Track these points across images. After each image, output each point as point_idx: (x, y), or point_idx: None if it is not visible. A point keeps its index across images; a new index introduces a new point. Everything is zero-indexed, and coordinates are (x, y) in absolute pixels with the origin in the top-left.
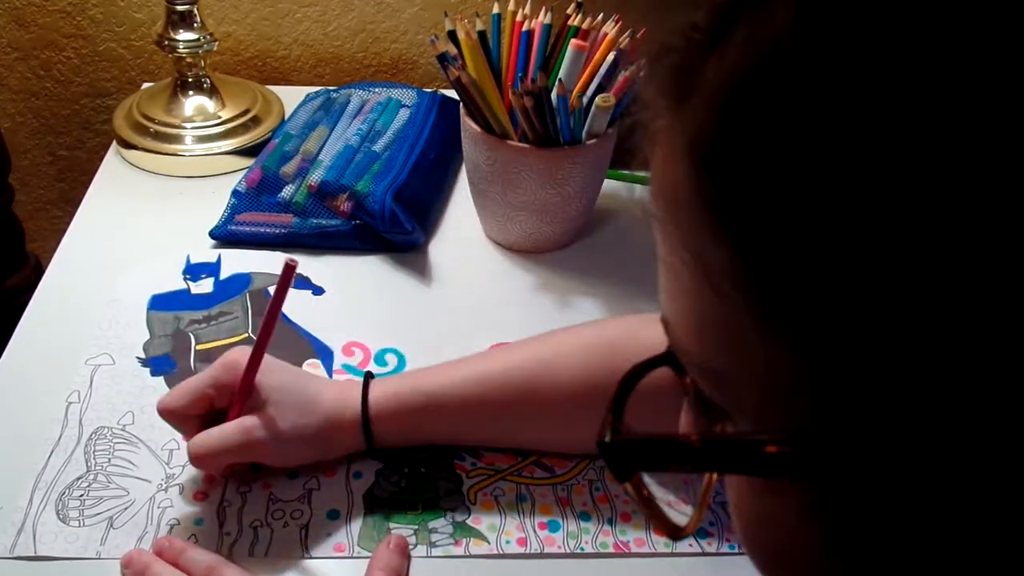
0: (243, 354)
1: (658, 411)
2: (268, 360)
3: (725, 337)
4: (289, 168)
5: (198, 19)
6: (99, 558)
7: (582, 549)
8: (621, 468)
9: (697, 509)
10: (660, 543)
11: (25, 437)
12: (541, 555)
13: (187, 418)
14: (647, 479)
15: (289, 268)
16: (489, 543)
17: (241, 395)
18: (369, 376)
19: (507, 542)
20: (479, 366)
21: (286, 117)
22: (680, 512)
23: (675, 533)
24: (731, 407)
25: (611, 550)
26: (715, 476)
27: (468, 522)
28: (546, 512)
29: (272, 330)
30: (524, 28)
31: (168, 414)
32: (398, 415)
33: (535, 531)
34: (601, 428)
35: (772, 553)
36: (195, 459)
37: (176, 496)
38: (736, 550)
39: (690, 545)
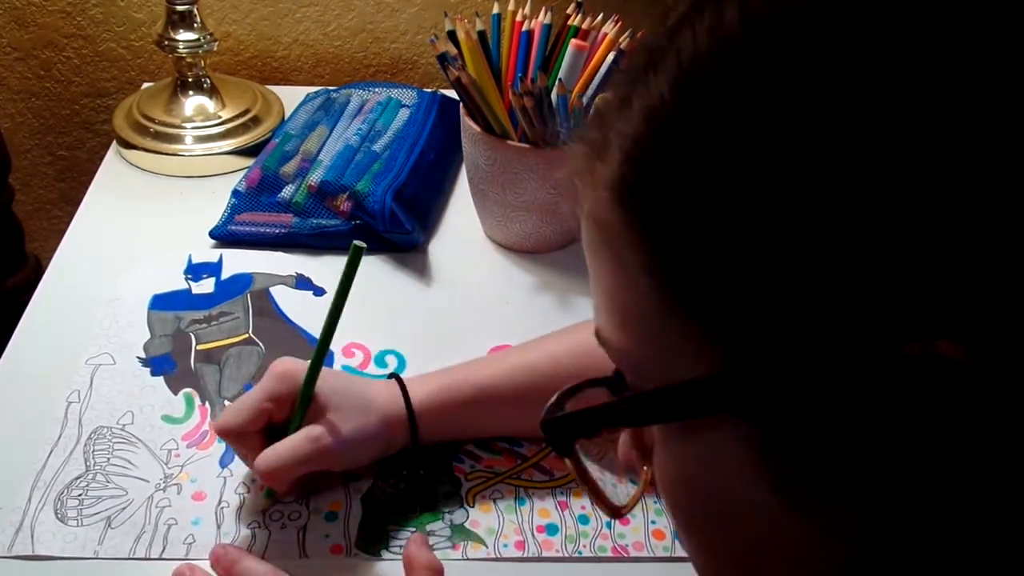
0: (294, 363)
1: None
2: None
3: (640, 323)
4: (289, 168)
5: (198, 19)
6: (96, 557)
7: (580, 553)
8: (560, 442)
9: (637, 488)
10: (659, 547)
11: (25, 437)
12: (539, 559)
13: (248, 435)
14: (590, 465)
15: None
16: (487, 547)
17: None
18: (396, 376)
19: (504, 545)
20: (527, 356)
21: (286, 117)
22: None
23: (615, 512)
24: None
25: (609, 554)
26: (649, 475)
27: (466, 525)
28: (545, 515)
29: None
30: (524, 28)
31: (227, 434)
32: (446, 408)
33: (533, 534)
34: (544, 413)
35: (704, 509)
36: (267, 476)
37: (174, 496)
38: None
39: None
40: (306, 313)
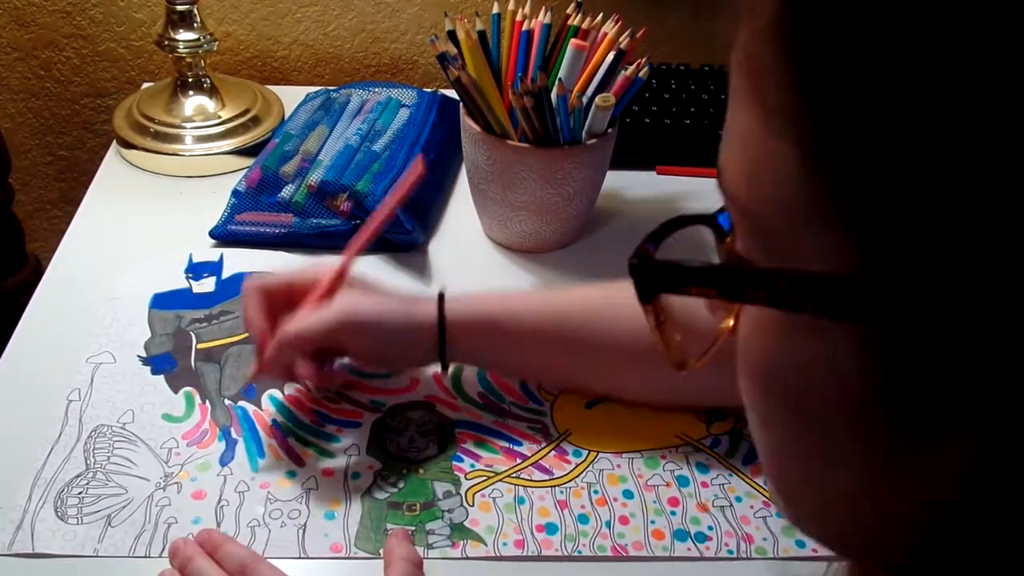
0: (326, 265)
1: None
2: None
3: (773, 177)
4: (289, 168)
5: (198, 19)
6: (96, 555)
7: (580, 552)
8: (645, 288)
9: (706, 349)
10: (658, 547)
11: (25, 436)
12: (539, 558)
13: (267, 294)
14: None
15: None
16: (486, 545)
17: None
18: (442, 294)
19: (504, 544)
20: (554, 297)
21: (286, 117)
22: None
23: (682, 364)
24: (763, 256)
25: (608, 553)
26: (729, 323)
27: (466, 524)
28: (544, 515)
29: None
30: (524, 28)
31: (253, 290)
32: (473, 330)
33: (533, 533)
34: (633, 253)
35: (795, 400)
36: (294, 337)
37: (174, 494)
38: (734, 555)
39: (688, 549)
40: None
